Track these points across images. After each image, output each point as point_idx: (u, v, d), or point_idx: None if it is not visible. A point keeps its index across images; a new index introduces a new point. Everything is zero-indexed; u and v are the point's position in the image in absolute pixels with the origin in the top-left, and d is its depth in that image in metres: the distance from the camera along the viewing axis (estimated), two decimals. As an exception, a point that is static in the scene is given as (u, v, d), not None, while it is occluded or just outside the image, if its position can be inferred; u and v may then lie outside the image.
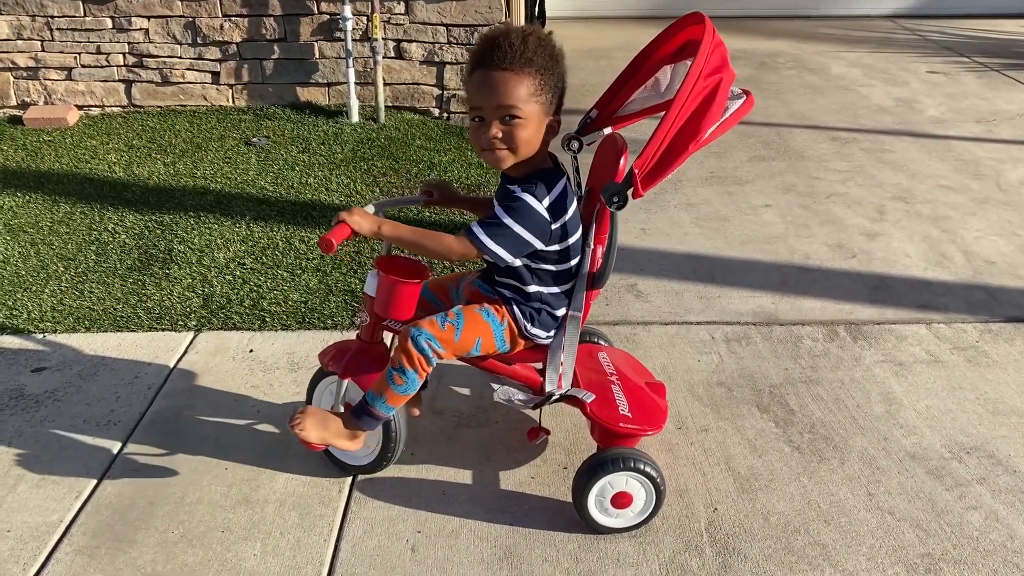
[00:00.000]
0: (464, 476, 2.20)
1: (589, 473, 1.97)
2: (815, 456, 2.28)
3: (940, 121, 5.00)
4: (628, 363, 2.28)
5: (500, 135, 1.78)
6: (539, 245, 1.84)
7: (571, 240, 1.90)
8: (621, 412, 2.01)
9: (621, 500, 1.97)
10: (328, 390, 2.18)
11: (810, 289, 3.13)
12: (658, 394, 2.14)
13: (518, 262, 1.88)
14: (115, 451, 2.28)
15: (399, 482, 2.17)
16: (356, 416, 1.96)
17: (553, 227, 1.84)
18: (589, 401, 1.99)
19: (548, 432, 2.26)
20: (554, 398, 2.03)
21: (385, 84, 4.69)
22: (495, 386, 2.07)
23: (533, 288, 1.94)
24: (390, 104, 4.76)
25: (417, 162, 4.18)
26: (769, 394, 2.52)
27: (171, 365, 2.64)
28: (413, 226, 1.86)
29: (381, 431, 2.08)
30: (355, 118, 4.64)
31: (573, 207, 1.89)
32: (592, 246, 1.91)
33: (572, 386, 2.02)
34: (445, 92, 4.77)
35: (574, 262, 1.93)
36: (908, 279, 3.23)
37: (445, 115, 4.80)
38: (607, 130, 2.06)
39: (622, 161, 1.89)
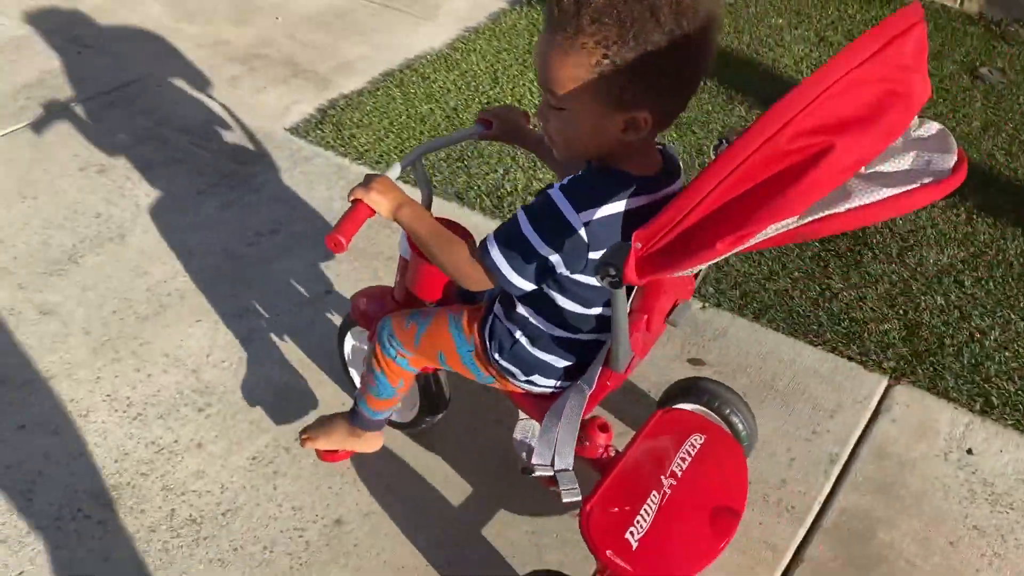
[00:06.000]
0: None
1: None
2: None
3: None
4: (719, 466, 1.48)
5: (546, 121, 1.21)
6: (558, 264, 1.21)
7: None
8: (624, 535, 1.33)
9: None
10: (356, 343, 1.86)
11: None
12: (716, 534, 1.39)
13: (530, 285, 1.25)
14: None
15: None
16: (352, 416, 1.64)
17: (590, 255, 1.18)
18: (579, 504, 1.36)
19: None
20: (535, 473, 1.40)
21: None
22: (521, 420, 1.62)
23: (521, 309, 1.35)
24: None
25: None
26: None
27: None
28: (434, 219, 1.35)
29: (418, 389, 1.75)
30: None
31: None
32: (635, 312, 1.37)
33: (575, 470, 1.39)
34: None
35: (595, 310, 1.31)
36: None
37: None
38: None
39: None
